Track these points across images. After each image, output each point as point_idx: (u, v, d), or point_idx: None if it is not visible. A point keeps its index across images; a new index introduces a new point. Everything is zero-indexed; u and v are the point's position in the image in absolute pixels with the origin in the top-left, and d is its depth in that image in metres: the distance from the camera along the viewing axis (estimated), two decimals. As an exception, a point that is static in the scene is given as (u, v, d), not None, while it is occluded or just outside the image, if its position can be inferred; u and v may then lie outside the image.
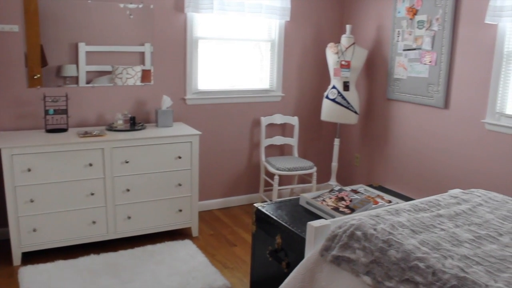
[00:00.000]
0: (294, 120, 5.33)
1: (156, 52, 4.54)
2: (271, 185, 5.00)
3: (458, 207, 2.80)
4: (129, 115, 4.32)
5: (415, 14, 4.64)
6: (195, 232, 4.48)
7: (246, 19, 4.94)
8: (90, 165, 3.89)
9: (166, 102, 4.47)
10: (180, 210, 4.34)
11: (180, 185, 4.28)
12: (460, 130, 4.34)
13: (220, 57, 4.98)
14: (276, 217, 3.20)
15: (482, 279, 1.95)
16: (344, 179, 5.69)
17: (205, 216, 4.95)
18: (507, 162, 3.97)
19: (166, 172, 4.20)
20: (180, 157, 4.23)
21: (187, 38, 4.68)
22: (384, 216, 2.54)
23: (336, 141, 5.35)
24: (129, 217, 4.13)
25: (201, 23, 4.78)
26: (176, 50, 4.66)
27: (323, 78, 5.48)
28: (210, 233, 4.60)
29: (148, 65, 4.53)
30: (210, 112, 4.94)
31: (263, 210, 3.32)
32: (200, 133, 4.33)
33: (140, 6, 4.39)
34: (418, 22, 4.62)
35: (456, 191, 3.15)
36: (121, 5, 4.32)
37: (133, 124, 4.32)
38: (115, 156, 3.97)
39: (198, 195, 4.44)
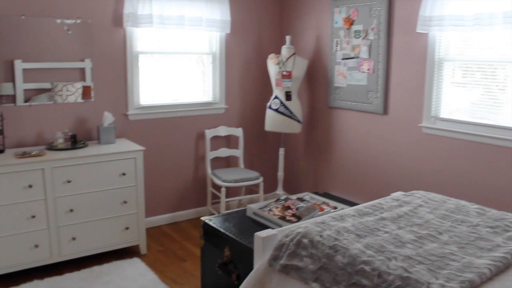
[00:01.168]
0: (238, 132, 5.35)
1: (96, 67, 4.46)
2: (219, 197, 4.99)
3: (400, 209, 2.90)
4: (70, 133, 4.21)
5: (351, 24, 4.78)
6: (143, 250, 4.40)
7: (186, 32, 4.93)
8: (30, 186, 3.76)
9: (108, 118, 4.39)
10: (127, 228, 4.25)
11: (125, 202, 4.20)
12: (399, 135, 4.49)
13: (162, 71, 4.95)
14: (223, 229, 3.20)
15: (424, 277, 2.03)
16: (291, 188, 5.75)
17: (153, 233, 4.87)
18: (444, 163, 4.14)
19: (110, 190, 4.11)
20: (124, 174, 4.15)
21: (127, 53, 4.62)
22: (330, 223, 2.59)
23: (281, 151, 5.41)
24: (73, 238, 4.01)
25: (141, 38, 4.73)
26: (117, 65, 4.59)
27: (266, 88, 5.54)
28: (159, 249, 4.53)
29: (89, 81, 4.44)
30: (153, 127, 4.88)
31: (210, 223, 3.31)
32: (144, 148, 4.27)
33: (78, 21, 4.30)
34: (355, 32, 4.76)
35: (398, 194, 3.25)
36: (58, 21, 4.21)
37: (74, 142, 4.21)
38: (56, 176, 3.85)
39: (144, 211, 4.37)
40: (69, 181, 3.91)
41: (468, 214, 2.85)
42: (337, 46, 4.96)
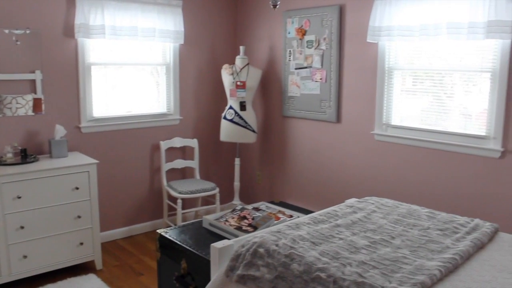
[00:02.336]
0: (193, 143, 5.33)
1: (46, 79, 4.35)
2: (175, 209, 4.95)
3: (354, 215, 2.95)
4: (19, 147, 4.08)
5: (304, 34, 4.86)
6: (99, 265, 4.30)
7: (140, 43, 4.89)
8: (-23, 203, 3.63)
9: (60, 131, 4.29)
10: (81, 243, 4.15)
11: (79, 217, 4.10)
12: (352, 142, 4.58)
13: (116, 83, 4.88)
14: (180, 241, 3.16)
15: (378, 282, 2.06)
16: (247, 198, 5.76)
17: (108, 247, 4.77)
18: (396, 169, 4.25)
19: (63, 205, 4.01)
20: (77, 188, 4.06)
21: (79, 64, 4.53)
22: (285, 231, 2.61)
23: (237, 161, 5.41)
24: (25, 256, 3.87)
25: (94, 49, 4.66)
26: (68, 76, 4.49)
27: (220, 99, 5.55)
28: (115, 264, 4.44)
29: (39, 94, 4.32)
30: (107, 140, 4.80)
31: (166, 235, 3.27)
32: (97, 161, 4.19)
33: (28, 32, 4.19)
34: (308, 42, 4.83)
35: (352, 201, 3.31)
36: (6, 31, 4.09)
37: (25, 156, 4.09)
38: (5, 192, 3.72)
39: (99, 226, 4.27)
40: (19, 197, 3.78)
41: (419, 218, 2.93)
42: (290, 56, 5.03)
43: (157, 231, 3.40)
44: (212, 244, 2.63)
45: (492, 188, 3.68)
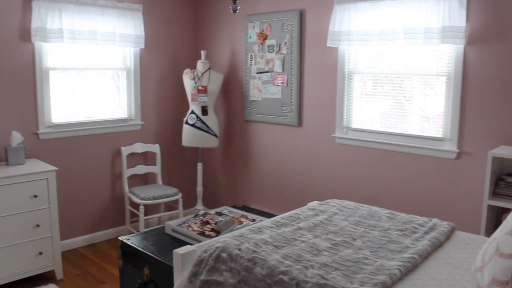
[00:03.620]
0: (155, 148, 5.27)
1: (1, 84, 4.23)
2: (137, 215, 4.88)
3: (316, 218, 2.98)
4: (-27, 155, 3.96)
5: (265, 39, 4.89)
6: (59, 275, 4.20)
7: (99, 47, 4.82)
8: None
9: (16, 138, 4.17)
10: (41, 253, 4.04)
11: (38, 226, 3.99)
12: (313, 146, 4.62)
13: (75, 88, 4.78)
14: (142, 248, 3.13)
15: (340, 283, 2.09)
16: (210, 202, 5.74)
17: (69, 256, 4.67)
18: (357, 171, 4.32)
19: (21, 214, 3.89)
20: (36, 196, 3.95)
21: (36, 69, 4.42)
22: (248, 235, 2.61)
23: (199, 165, 5.39)
24: (-20, 267, 3.75)
25: (52, 53, 4.56)
26: (25, 81, 4.37)
27: (182, 104, 5.52)
28: (76, 273, 4.34)
29: (-7, 100, 4.20)
30: (67, 146, 4.70)
31: (128, 242, 3.23)
32: (56, 168, 4.10)
33: (-21, 37, 4.08)
34: (269, 46, 4.86)
35: (313, 203, 3.34)
36: (-43, 37, 3.97)
37: (-21, 164, 3.97)
38: (-42, 202, 3.61)
39: (59, 234, 4.17)
40: (-27, 206, 3.67)
41: (379, 219, 2.98)
42: (251, 60, 5.04)
43: (119, 238, 3.35)
44: (175, 250, 2.61)
45: (448, 188, 3.78)
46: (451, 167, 3.76)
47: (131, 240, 3.27)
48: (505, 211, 3.32)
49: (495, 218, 3.40)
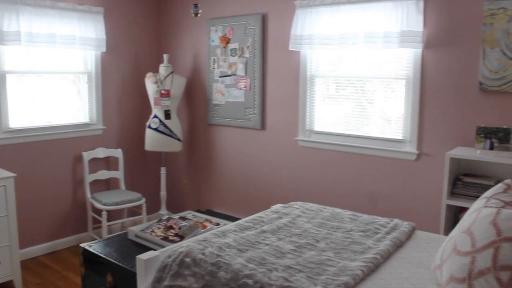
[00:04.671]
0: (118, 153, 5.20)
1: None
2: (100, 222, 4.80)
3: (280, 221, 2.99)
4: None
5: (228, 42, 4.89)
6: (18, 285, 4.08)
7: (59, 51, 4.72)
8: None
9: (-29, 144, 4.05)
10: (-2, 262, 3.93)
11: (-5, 234, 3.88)
12: (277, 149, 4.65)
13: (35, 92, 4.67)
14: (104, 255, 3.08)
15: (304, 285, 2.11)
16: (174, 207, 5.70)
17: (29, 265, 4.54)
18: (320, 173, 4.36)
19: (-24, 222, 3.78)
20: (-8, 204, 3.84)
21: (-9, 73, 4.31)
22: (212, 240, 2.60)
23: (163, 170, 5.34)
24: None
25: (9, 56, 4.43)
26: (-21, 87, 4.25)
27: (145, 108, 5.47)
28: (37, 282, 4.23)
29: None
30: (26, 151, 4.58)
31: (90, 249, 3.18)
32: (15, 175, 3.98)
33: None
34: (231, 50, 4.87)
35: (277, 206, 3.35)
36: None
37: None
38: None
39: (18, 243, 4.05)
40: None
41: (342, 221, 3.02)
42: (214, 64, 5.04)
43: (81, 245, 3.29)
44: (138, 256, 2.58)
45: (409, 188, 3.86)
46: (411, 168, 3.84)
47: (93, 247, 3.21)
48: (462, 210, 3.41)
49: (454, 217, 3.49)
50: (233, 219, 3.64)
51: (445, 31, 3.58)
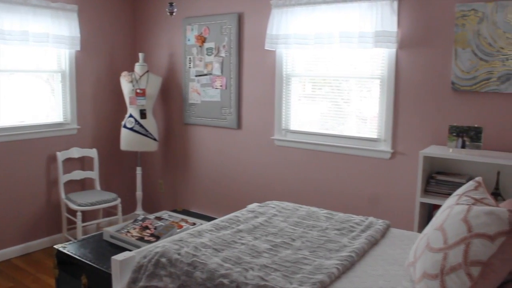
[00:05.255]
0: (92, 153, 5.14)
1: None
2: (75, 223, 4.74)
3: (256, 220, 3.00)
4: None
5: (203, 41, 4.87)
6: (-11, 287, 4.02)
7: (32, 49, 4.64)
8: None
9: None
10: (-32, 265, 3.85)
11: (-35, 236, 3.81)
12: (253, 148, 4.65)
13: (7, 91, 4.58)
14: (79, 256, 3.04)
15: (279, 284, 2.11)
16: (150, 207, 5.66)
17: (2, 268, 4.46)
18: (296, 173, 4.38)
19: None
20: (-37, 205, 3.76)
21: (-39, 72, 4.22)
22: (187, 239, 2.59)
23: (138, 170, 5.30)
24: None
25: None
26: (-51, 86, 4.16)
27: (120, 107, 5.41)
28: (9, 285, 4.15)
29: None
30: (-4, 152, 4.50)
31: (65, 251, 3.14)
32: (-15, 176, 3.92)
33: None
34: (207, 49, 4.85)
35: (253, 206, 3.36)
36: None
37: None
38: None
39: (-11, 245, 3.99)
40: None
41: (318, 219, 3.04)
42: (190, 63, 5.02)
43: (55, 246, 3.25)
44: (113, 257, 2.55)
45: (383, 187, 3.91)
46: (386, 166, 3.89)
47: (68, 248, 3.17)
48: (436, 207, 3.46)
49: (427, 215, 3.55)
50: (209, 218, 3.63)
51: (419, 31, 3.63)
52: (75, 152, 5.02)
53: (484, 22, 3.32)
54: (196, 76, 4.98)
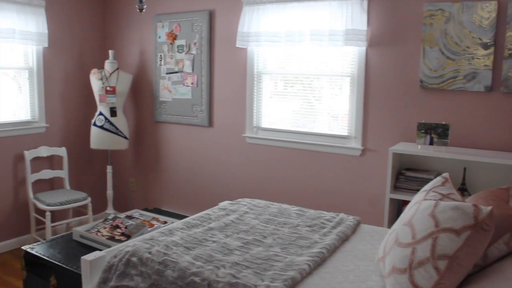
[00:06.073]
0: (62, 151, 5.05)
1: None
2: (44, 223, 4.65)
3: (227, 218, 2.99)
4: None
5: (174, 39, 4.84)
6: (-46, 290, 3.92)
7: (-4, 46, 4.55)
8: None
9: None
10: None
11: None
12: (224, 146, 4.65)
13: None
14: (48, 257, 2.99)
15: (251, 281, 2.12)
16: (122, 206, 5.60)
17: (-34, 269, 4.36)
18: (267, 170, 4.39)
19: None
20: None
21: None
22: (158, 238, 2.58)
23: (109, 168, 5.24)
24: None
25: None
26: None
27: (90, 105, 5.34)
28: (-26, 287, 4.07)
29: None
30: (-39, 151, 4.39)
31: (33, 252, 3.08)
32: (-50, 175, 3.82)
33: None
34: (178, 46, 4.82)
35: (225, 203, 3.36)
36: None
37: None
38: None
39: (-46, 246, 3.89)
40: None
41: (289, 216, 3.05)
42: (161, 60, 4.98)
43: (22, 247, 3.18)
44: (83, 257, 2.52)
45: (354, 183, 3.95)
46: (356, 163, 3.93)
47: (36, 249, 3.12)
48: (405, 203, 3.52)
49: (397, 210, 3.60)
50: (181, 217, 3.62)
51: (388, 30, 3.68)
52: (44, 151, 4.93)
53: (451, 22, 3.39)
54: (167, 73, 4.94)
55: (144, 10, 3.06)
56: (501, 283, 1.74)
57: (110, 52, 5.01)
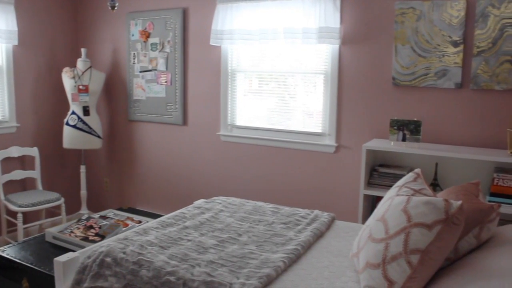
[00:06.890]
0: (33, 151, 4.97)
1: None
2: (16, 224, 4.57)
3: (202, 216, 2.99)
4: None
5: (148, 37, 4.80)
6: None
7: (-37, 45, 4.44)
8: None
9: None
10: None
11: None
12: (199, 144, 4.63)
13: None
14: (19, 259, 2.94)
15: (226, 279, 2.12)
16: (96, 206, 5.53)
17: None
18: (242, 168, 4.40)
19: None
20: None
21: None
22: (133, 238, 2.56)
23: (82, 168, 5.17)
24: None
25: None
26: None
27: (62, 104, 5.25)
28: None
29: None
30: None
31: (3, 254, 3.02)
32: None
33: None
34: (152, 44, 4.78)
35: (200, 202, 3.35)
36: None
37: None
38: None
39: None
40: None
41: (264, 214, 3.06)
42: (134, 58, 4.93)
43: (-7, 250, 3.12)
44: (56, 258, 2.48)
45: (329, 180, 3.98)
46: (330, 160, 3.96)
47: (7, 252, 3.06)
48: (379, 199, 3.56)
49: (371, 206, 3.65)
50: (156, 216, 3.59)
51: (361, 28, 3.71)
52: (15, 151, 4.84)
53: (422, 20, 3.43)
54: (141, 72, 4.90)
55: (116, 8, 3.03)
56: (470, 275, 1.78)
57: (83, 50, 4.94)
